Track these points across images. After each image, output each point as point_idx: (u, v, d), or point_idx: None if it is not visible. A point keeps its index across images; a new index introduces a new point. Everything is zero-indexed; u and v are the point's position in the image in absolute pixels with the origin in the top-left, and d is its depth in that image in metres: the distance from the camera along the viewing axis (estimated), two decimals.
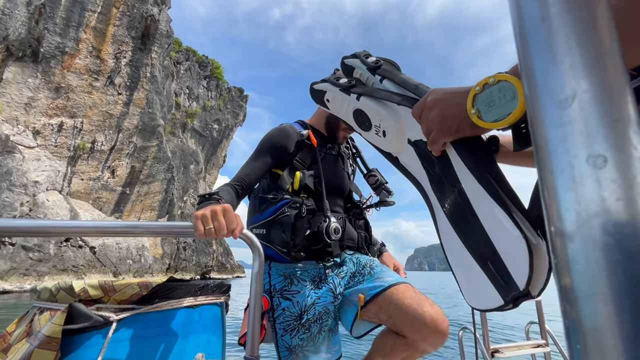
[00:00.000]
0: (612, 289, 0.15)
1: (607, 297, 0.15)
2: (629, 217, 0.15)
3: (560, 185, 0.17)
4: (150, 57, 30.40)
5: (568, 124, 0.17)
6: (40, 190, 24.60)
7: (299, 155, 1.21)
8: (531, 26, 0.19)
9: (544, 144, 0.18)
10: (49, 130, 25.82)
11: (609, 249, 0.16)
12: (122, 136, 29.61)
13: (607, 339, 0.15)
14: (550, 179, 0.18)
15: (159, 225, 0.84)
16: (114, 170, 29.54)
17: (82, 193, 27.76)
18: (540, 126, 0.18)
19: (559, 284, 0.17)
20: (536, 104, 0.19)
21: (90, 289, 0.78)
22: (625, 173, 0.16)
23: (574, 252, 0.17)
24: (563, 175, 0.17)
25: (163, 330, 0.81)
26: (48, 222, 0.76)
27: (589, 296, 0.16)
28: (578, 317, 0.16)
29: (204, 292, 0.87)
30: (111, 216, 28.89)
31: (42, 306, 0.79)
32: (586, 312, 0.16)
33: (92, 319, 0.75)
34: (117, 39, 28.72)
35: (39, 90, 25.12)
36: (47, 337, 0.70)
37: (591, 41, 0.17)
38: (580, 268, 0.16)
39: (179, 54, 41.38)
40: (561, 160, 0.17)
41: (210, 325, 0.87)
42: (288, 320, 1.06)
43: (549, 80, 0.18)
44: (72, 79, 26.47)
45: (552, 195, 0.18)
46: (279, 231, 1.10)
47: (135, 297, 0.80)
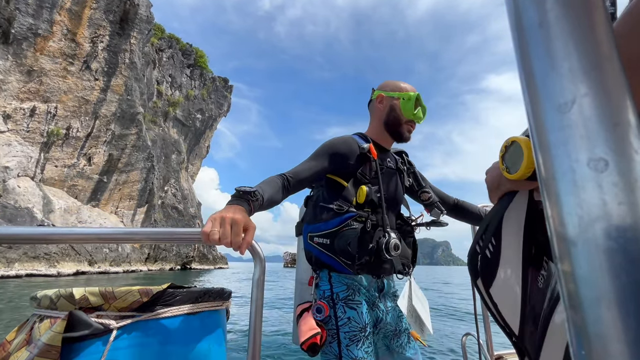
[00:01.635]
0: (616, 294, 0.15)
1: (611, 302, 0.15)
2: (631, 221, 0.15)
3: (562, 190, 0.17)
4: (129, 42, 29.11)
5: (568, 128, 0.17)
6: (11, 176, 23.31)
7: (362, 168, 1.19)
8: (529, 31, 0.19)
9: (544, 148, 0.18)
10: (21, 115, 24.40)
11: (612, 253, 0.15)
12: (99, 123, 28.37)
13: (612, 345, 0.15)
14: (552, 184, 0.18)
15: (162, 231, 0.83)
16: (90, 157, 28.34)
17: (57, 180, 26.52)
18: (541, 131, 0.18)
19: (563, 289, 0.17)
20: (536, 109, 0.19)
21: (90, 296, 0.76)
22: (627, 176, 0.16)
23: (577, 257, 0.16)
24: (564, 180, 0.17)
25: (164, 338, 0.80)
26: (48, 230, 0.73)
27: (593, 301, 0.16)
28: (582, 323, 0.16)
29: (205, 299, 0.87)
30: (87, 204, 27.81)
31: (42, 314, 0.76)
32: (591, 317, 0.16)
33: (93, 327, 0.74)
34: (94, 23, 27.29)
35: (10, 73, 23.62)
36: (47, 345, 0.69)
37: (589, 45, 0.17)
38: (584, 273, 0.16)
39: (161, 41, 39.81)
40: (562, 164, 0.17)
41: (211, 332, 0.87)
42: (354, 330, 1.04)
43: (548, 85, 0.18)
44: (46, 63, 25.01)
45: (554, 200, 0.18)
46: (344, 243, 1.07)
47: (135, 305, 0.79)
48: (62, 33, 25.99)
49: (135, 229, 0.79)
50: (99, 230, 0.79)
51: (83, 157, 28.56)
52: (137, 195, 32.20)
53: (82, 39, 26.90)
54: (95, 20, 27.39)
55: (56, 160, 27.03)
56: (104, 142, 29.25)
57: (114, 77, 29.10)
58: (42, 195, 24.13)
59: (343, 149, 1.19)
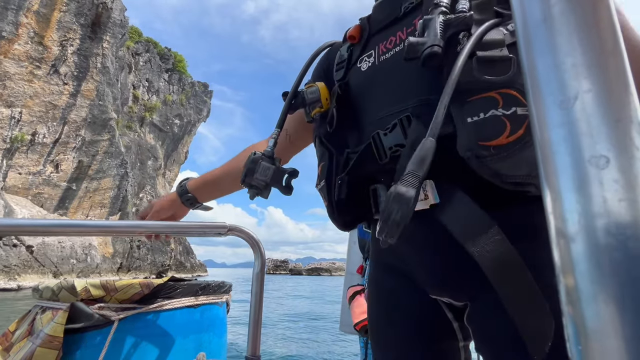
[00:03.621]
0: (614, 290, 0.15)
1: (609, 298, 0.15)
2: (631, 218, 0.15)
3: (563, 186, 0.17)
4: (101, 46, 28.00)
5: (570, 125, 0.17)
6: None
7: None
8: (533, 26, 0.19)
9: (546, 144, 0.18)
10: None
11: (611, 250, 0.15)
12: (68, 129, 26.93)
13: (609, 341, 0.15)
14: (553, 180, 0.18)
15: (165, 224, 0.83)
16: (58, 164, 26.77)
17: (20, 188, 24.82)
18: (543, 127, 0.18)
19: (562, 285, 0.17)
20: (538, 105, 0.18)
21: (92, 288, 0.76)
22: (628, 174, 0.16)
23: (576, 253, 0.16)
24: (565, 176, 0.17)
25: (164, 330, 0.81)
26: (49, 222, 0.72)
27: (591, 297, 0.16)
28: (580, 318, 0.16)
29: (206, 292, 0.88)
30: (54, 213, 26.18)
31: (44, 305, 0.75)
32: (588, 313, 0.16)
33: (94, 319, 0.74)
34: (63, 26, 26.06)
35: None
36: (49, 336, 0.68)
37: (593, 41, 0.17)
38: (583, 269, 0.16)
39: (138, 45, 38.56)
40: (564, 161, 0.17)
41: (211, 324, 0.88)
42: None
43: (551, 81, 0.18)
44: (10, 66, 23.55)
45: (555, 196, 0.17)
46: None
47: (136, 297, 0.79)
48: (29, 36, 24.63)
49: (142, 222, 0.78)
50: (101, 223, 0.79)
51: (50, 164, 26.94)
52: (109, 202, 30.70)
53: (51, 42, 25.59)
54: (65, 24, 26.15)
55: (20, 167, 25.34)
56: (73, 148, 27.75)
57: (85, 82, 27.80)
58: (3, 204, 22.47)
59: None
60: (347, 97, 0.66)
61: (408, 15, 0.60)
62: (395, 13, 0.62)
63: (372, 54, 0.64)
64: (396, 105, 0.56)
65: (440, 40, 0.46)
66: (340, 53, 0.71)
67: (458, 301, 0.55)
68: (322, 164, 0.64)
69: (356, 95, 0.65)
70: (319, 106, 0.65)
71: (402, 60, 0.51)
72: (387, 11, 0.64)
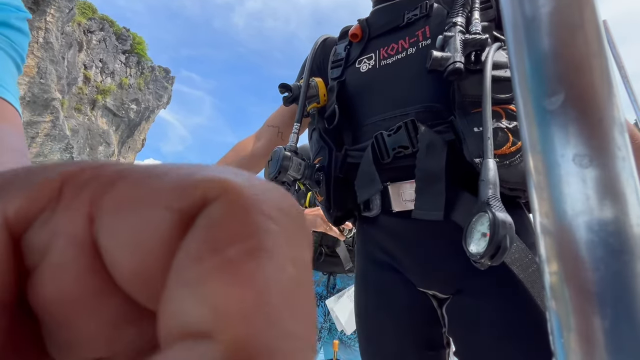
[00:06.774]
0: (595, 285, 0.15)
1: (590, 293, 0.16)
2: (612, 215, 0.16)
3: (547, 184, 0.17)
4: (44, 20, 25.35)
5: (555, 123, 0.17)
6: None
7: None
8: (521, 26, 0.19)
9: (531, 143, 0.18)
10: None
11: (593, 246, 0.16)
12: None
13: (590, 333, 0.15)
14: (538, 178, 0.18)
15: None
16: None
17: None
18: (529, 125, 0.18)
19: (546, 279, 0.17)
20: (526, 104, 0.19)
21: None
22: (609, 172, 0.16)
23: (560, 250, 0.17)
24: (550, 174, 0.17)
25: None
26: None
27: (573, 292, 0.16)
28: (563, 312, 0.16)
29: None
30: None
31: None
32: (570, 307, 0.16)
33: None
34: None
35: None
36: None
37: (578, 42, 0.17)
38: (566, 265, 0.16)
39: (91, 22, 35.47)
40: (549, 159, 0.17)
41: None
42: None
43: (537, 80, 0.18)
44: None
45: (540, 194, 0.18)
46: None
47: None
48: None
49: None
50: None
51: None
52: None
53: None
54: None
55: None
56: None
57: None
58: None
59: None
60: (345, 95, 0.67)
61: (411, 25, 0.63)
62: (398, 21, 0.65)
63: (372, 57, 0.66)
64: (398, 109, 0.59)
65: (462, 56, 0.50)
66: (337, 51, 0.73)
67: (444, 294, 0.59)
68: (320, 158, 0.66)
69: (354, 95, 0.67)
70: (316, 101, 0.68)
71: (405, 68, 0.59)
72: (388, 17, 0.67)
